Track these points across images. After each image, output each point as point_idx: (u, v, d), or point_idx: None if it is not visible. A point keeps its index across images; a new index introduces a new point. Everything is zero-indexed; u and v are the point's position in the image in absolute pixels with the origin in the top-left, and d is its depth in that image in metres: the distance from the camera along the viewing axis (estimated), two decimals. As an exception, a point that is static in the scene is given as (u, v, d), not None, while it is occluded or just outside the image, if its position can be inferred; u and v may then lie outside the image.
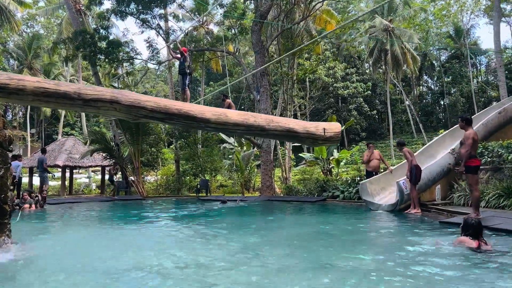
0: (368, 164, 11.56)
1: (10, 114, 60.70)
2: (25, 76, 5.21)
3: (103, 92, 5.20)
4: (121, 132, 20.39)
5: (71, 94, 4.99)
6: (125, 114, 4.76)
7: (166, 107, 4.71)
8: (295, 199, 14.62)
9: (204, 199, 17.07)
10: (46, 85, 5.13)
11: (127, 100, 5.09)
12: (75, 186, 30.23)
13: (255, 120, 4.62)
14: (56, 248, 5.27)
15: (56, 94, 5.01)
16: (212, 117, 4.44)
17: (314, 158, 25.90)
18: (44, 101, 5.16)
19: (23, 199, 11.62)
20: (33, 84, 5.01)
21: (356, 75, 47.43)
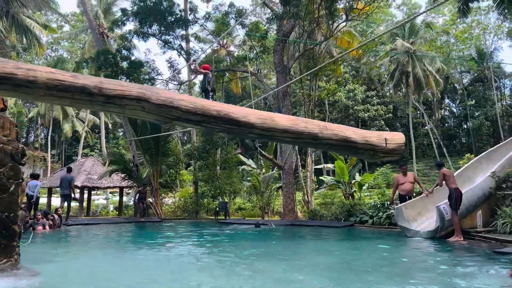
0: (401, 187, 10.80)
1: (32, 135, 61.88)
2: (36, 66, 4.46)
3: (129, 88, 4.46)
4: (140, 153, 20.14)
5: (90, 89, 4.23)
6: (154, 116, 3.95)
7: (203, 108, 4.10)
8: (320, 223, 13.88)
9: (223, 222, 16.47)
10: (61, 76, 4.33)
11: (157, 99, 4.32)
12: (93, 207, 29.99)
13: (307, 126, 3.84)
14: (67, 275, 4.74)
15: (72, 88, 4.25)
16: (257, 122, 3.64)
17: (335, 181, 25.09)
18: (58, 97, 4.36)
19: (36, 220, 11.22)
20: (46, 75, 4.22)
21: (376, 97, 46.79)
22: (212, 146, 21.37)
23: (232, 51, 22.75)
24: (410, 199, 10.39)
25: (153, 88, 4.16)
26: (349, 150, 3.71)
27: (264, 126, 3.71)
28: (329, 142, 3.76)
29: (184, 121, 3.83)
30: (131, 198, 31.51)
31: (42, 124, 50.48)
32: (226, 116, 3.67)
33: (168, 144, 20.73)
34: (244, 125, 3.72)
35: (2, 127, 4.06)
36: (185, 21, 18.64)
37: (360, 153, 3.76)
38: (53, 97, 4.33)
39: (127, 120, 19.59)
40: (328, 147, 3.56)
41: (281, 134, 3.79)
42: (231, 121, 3.65)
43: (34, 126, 59.09)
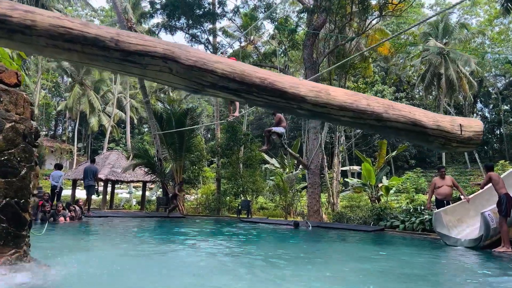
0: (438, 191, 10.05)
1: (60, 129, 63.27)
2: (38, 9, 3.53)
3: (154, 43, 3.58)
4: (164, 147, 19.95)
5: (105, 41, 3.42)
6: (183, 80, 3.18)
7: (243, 74, 3.37)
8: (348, 227, 13.23)
9: (246, 220, 16.04)
10: (69, 23, 3.45)
11: (188, 59, 3.45)
12: (116, 201, 30.11)
13: (369, 104, 3.18)
14: (81, 270, 4.36)
15: (82, 39, 3.42)
16: (308, 94, 2.87)
17: (361, 184, 24.29)
18: (65, 50, 3.49)
19: (57, 211, 11.04)
20: (48, 20, 3.32)
21: (405, 99, 45.38)
22: (235, 143, 20.97)
23: (259, 46, 22.26)
24: (448, 204, 9.65)
25: (183, 45, 3.22)
26: (416, 136, 2.97)
27: (318, 101, 2.83)
28: (394, 126, 2.97)
29: (220, 89, 2.80)
30: (153, 193, 31.53)
31: (70, 118, 51.39)
32: (270, 85, 2.72)
33: (192, 140, 20.46)
34: (293, 98, 2.90)
35: (15, 104, 3.71)
36: (213, 14, 18.28)
37: (430, 141, 3.05)
38: (58, 49, 3.48)
39: (152, 114, 19.42)
40: (393, 132, 2.88)
41: (337, 112, 2.95)
42: (277, 91, 2.76)
43: (62, 119, 60.33)
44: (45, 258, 4.25)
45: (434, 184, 10.28)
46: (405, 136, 3.13)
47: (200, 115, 22.99)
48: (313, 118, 3.25)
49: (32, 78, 36.99)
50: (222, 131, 23.83)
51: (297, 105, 2.83)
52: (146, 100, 19.42)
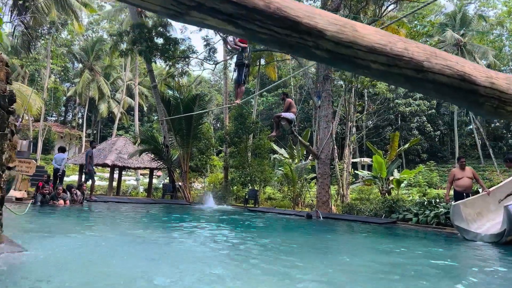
0: (458, 183, 9.46)
1: (70, 115, 63.38)
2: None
3: None
4: (171, 134, 19.58)
5: None
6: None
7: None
8: (359, 218, 12.74)
9: (253, 210, 15.64)
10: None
11: None
12: (123, 187, 29.97)
13: (406, 47, 2.43)
14: (57, 255, 3.91)
15: None
16: (328, 28, 2.14)
17: (371, 176, 23.73)
18: None
19: (57, 193, 10.74)
20: None
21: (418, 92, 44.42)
22: (244, 131, 20.52)
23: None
24: (468, 197, 9.08)
25: None
26: (464, 96, 2.30)
27: (341, 38, 2.03)
28: (437, 79, 2.25)
29: (209, 12, 1.86)
30: (161, 180, 31.30)
31: (79, 104, 51.36)
32: (279, 11, 1.88)
33: (200, 127, 20.05)
34: (308, 32, 2.10)
35: (-13, 64, 3.29)
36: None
37: (480, 104, 2.38)
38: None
39: (160, 99, 19.02)
40: (434, 88, 2.25)
41: (366, 56, 2.23)
42: (287, 21, 1.95)
43: (72, 105, 60.43)
44: (23, 240, 3.87)
45: (453, 176, 9.70)
46: (449, 95, 2.52)
47: (209, 102, 22.51)
48: (334, 64, 2.25)
49: (42, 62, 36.83)
50: (230, 118, 23.39)
51: (314, 43, 1.96)
52: (154, 85, 19.03)
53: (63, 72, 42.39)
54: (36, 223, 6.76)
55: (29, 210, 7.66)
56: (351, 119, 19.41)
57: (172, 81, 21.44)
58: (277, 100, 43.78)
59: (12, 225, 5.18)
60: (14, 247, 3.41)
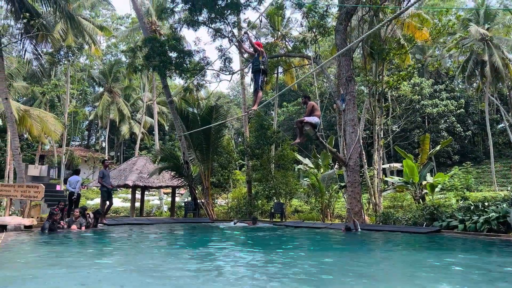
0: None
1: (93, 138, 64.10)
2: None
3: None
4: (191, 150, 18.91)
5: None
6: None
7: None
8: (398, 228, 11.57)
9: (281, 224, 14.63)
10: None
11: None
12: (147, 207, 29.50)
13: None
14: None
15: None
16: None
17: (403, 182, 22.45)
18: None
19: (74, 217, 10.08)
20: None
21: (445, 92, 42.69)
22: (266, 142, 19.66)
23: (287, 40, 20.88)
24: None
25: None
26: None
27: None
28: None
29: None
30: (184, 199, 30.68)
31: (101, 127, 51.79)
32: None
33: (219, 140, 19.32)
34: None
35: None
36: (237, 4, 17.09)
37: None
38: None
39: (177, 114, 18.43)
40: None
41: None
42: None
43: (95, 128, 61.14)
44: None
45: None
46: None
47: (227, 113, 21.83)
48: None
49: (62, 88, 37.19)
50: (250, 129, 22.63)
51: None
52: (169, 101, 18.47)
53: (81, 96, 42.84)
54: (26, 253, 6.01)
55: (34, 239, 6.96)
56: (379, 122, 18.30)
57: (189, 96, 20.87)
58: (297, 109, 42.88)
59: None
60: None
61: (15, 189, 10.10)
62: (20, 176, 13.66)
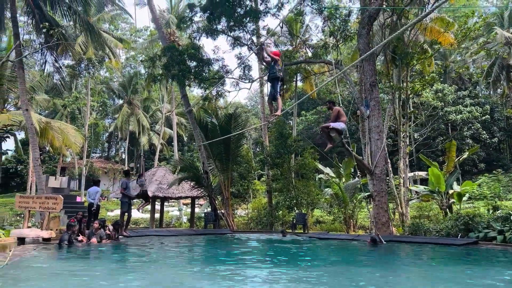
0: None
1: (113, 149, 64.73)
2: None
3: None
4: (211, 160, 18.63)
5: None
6: None
7: None
8: (429, 240, 10.91)
9: (304, 235, 14.09)
10: None
11: None
12: (167, 218, 29.30)
13: None
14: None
15: None
16: None
17: (429, 191, 21.64)
18: None
19: (94, 229, 9.81)
20: None
21: (469, 98, 41.49)
22: (286, 151, 19.22)
23: (308, 46, 20.52)
24: None
25: None
26: None
27: None
28: None
29: None
30: (203, 209, 30.37)
31: (121, 138, 52.24)
32: None
33: (239, 149, 18.98)
34: None
35: None
36: (256, 12, 16.86)
37: None
38: None
39: (196, 124, 18.20)
40: None
41: None
42: None
43: (115, 140, 61.75)
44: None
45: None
46: None
47: (246, 121, 21.52)
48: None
49: (83, 101, 37.66)
50: (270, 138, 22.25)
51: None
52: (188, 110, 18.27)
53: (101, 108, 43.36)
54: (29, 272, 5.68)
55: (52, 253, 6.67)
56: (404, 128, 17.67)
57: (208, 104, 20.67)
58: (316, 118, 42.31)
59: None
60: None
61: (34, 200, 9.94)
62: (40, 188, 13.56)
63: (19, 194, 10.82)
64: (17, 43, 12.96)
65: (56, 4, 14.79)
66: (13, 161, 42.31)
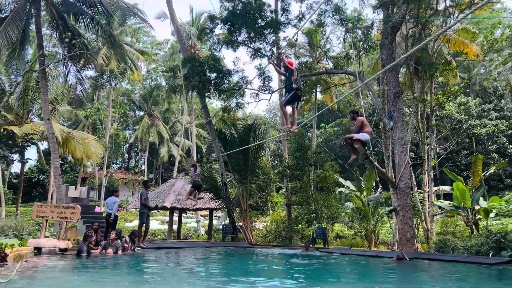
0: None
1: (133, 160, 65.40)
2: None
3: None
4: (229, 171, 18.44)
5: None
6: None
7: None
8: (459, 258, 10.34)
9: (326, 251, 13.65)
10: None
11: None
12: (184, 230, 29.15)
13: None
14: None
15: None
16: None
17: (453, 207, 20.89)
18: None
19: (110, 240, 9.66)
20: None
21: (494, 111, 40.35)
22: (306, 163, 18.88)
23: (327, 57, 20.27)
24: None
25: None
26: None
27: None
28: None
29: None
30: (221, 222, 30.10)
31: (141, 149, 52.74)
32: None
33: (257, 161, 18.75)
34: None
35: None
36: (276, 23, 16.77)
37: None
38: None
39: (215, 135, 18.09)
40: None
41: None
42: None
43: (135, 151, 62.38)
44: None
45: None
46: None
47: (265, 133, 21.32)
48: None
49: (104, 112, 38.22)
50: (290, 150, 21.94)
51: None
52: (208, 121, 18.19)
53: (122, 119, 43.96)
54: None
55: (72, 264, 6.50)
56: (428, 141, 17.14)
57: (227, 116, 20.58)
58: (336, 131, 41.80)
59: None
60: None
61: (51, 210, 9.88)
62: (59, 197, 13.59)
63: (37, 204, 10.80)
64: (40, 52, 13.16)
65: (80, 16, 15.04)
66: (35, 170, 43.11)
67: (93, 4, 14.95)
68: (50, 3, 14.92)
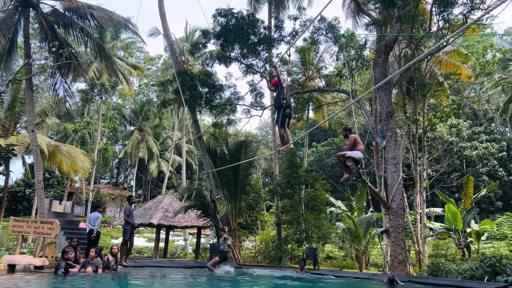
0: None
1: (122, 176, 64.47)
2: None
3: None
4: (218, 188, 18.04)
5: None
6: None
7: None
8: (454, 283, 9.98)
9: (318, 273, 13.20)
10: None
11: None
12: (172, 248, 28.42)
13: None
14: None
15: None
16: None
17: (445, 229, 20.72)
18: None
19: (89, 258, 9.16)
20: None
21: (484, 134, 40.68)
22: (297, 181, 18.56)
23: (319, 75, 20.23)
24: None
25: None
26: None
27: None
28: None
29: None
30: (209, 240, 29.41)
31: (130, 165, 52.05)
32: None
33: (248, 178, 18.39)
34: None
35: None
36: (270, 40, 16.69)
37: None
38: None
39: (205, 150, 17.74)
40: None
41: None
42: None
43: (124, 167, 61.53)
44: None
45: None
46: None
47: (257, 150, 21.03)
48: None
49: (94, 126, 37.75)
50: (281, 167, 21.63)
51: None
52: (198, 136, 17.86)
53: (112, 133, 43.44)
54: None
55: (45, 283, 6.04)
56: (420, 161, 16.97)
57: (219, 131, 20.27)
58: (327, 149, 41.69)
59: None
60: None
61: (28, 224, 9.38)
62: (41, 212, 13.05)
63: (13, 218, 10.28)
64: (26, 61, 12.84)
65: (69, 27, 14.80)
66: (21, 184, 42.13)
67: (83, 15, 14.75)
68: (40, 13, 14.69)
